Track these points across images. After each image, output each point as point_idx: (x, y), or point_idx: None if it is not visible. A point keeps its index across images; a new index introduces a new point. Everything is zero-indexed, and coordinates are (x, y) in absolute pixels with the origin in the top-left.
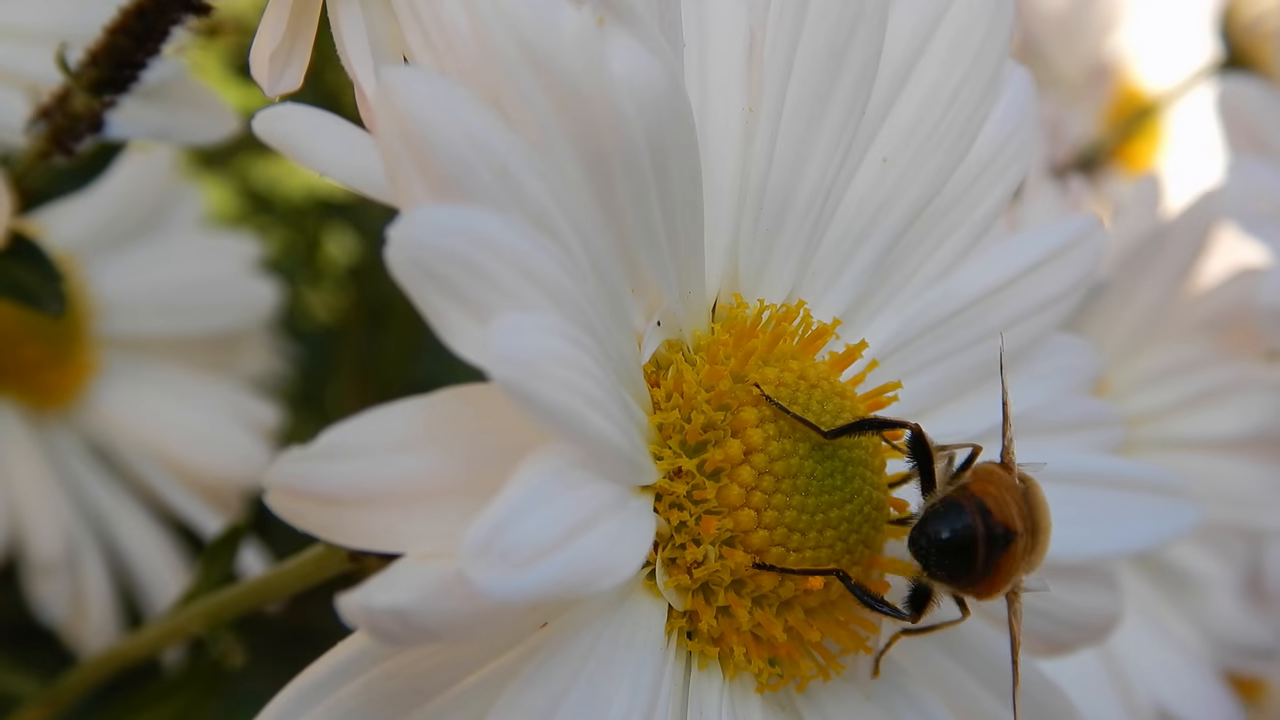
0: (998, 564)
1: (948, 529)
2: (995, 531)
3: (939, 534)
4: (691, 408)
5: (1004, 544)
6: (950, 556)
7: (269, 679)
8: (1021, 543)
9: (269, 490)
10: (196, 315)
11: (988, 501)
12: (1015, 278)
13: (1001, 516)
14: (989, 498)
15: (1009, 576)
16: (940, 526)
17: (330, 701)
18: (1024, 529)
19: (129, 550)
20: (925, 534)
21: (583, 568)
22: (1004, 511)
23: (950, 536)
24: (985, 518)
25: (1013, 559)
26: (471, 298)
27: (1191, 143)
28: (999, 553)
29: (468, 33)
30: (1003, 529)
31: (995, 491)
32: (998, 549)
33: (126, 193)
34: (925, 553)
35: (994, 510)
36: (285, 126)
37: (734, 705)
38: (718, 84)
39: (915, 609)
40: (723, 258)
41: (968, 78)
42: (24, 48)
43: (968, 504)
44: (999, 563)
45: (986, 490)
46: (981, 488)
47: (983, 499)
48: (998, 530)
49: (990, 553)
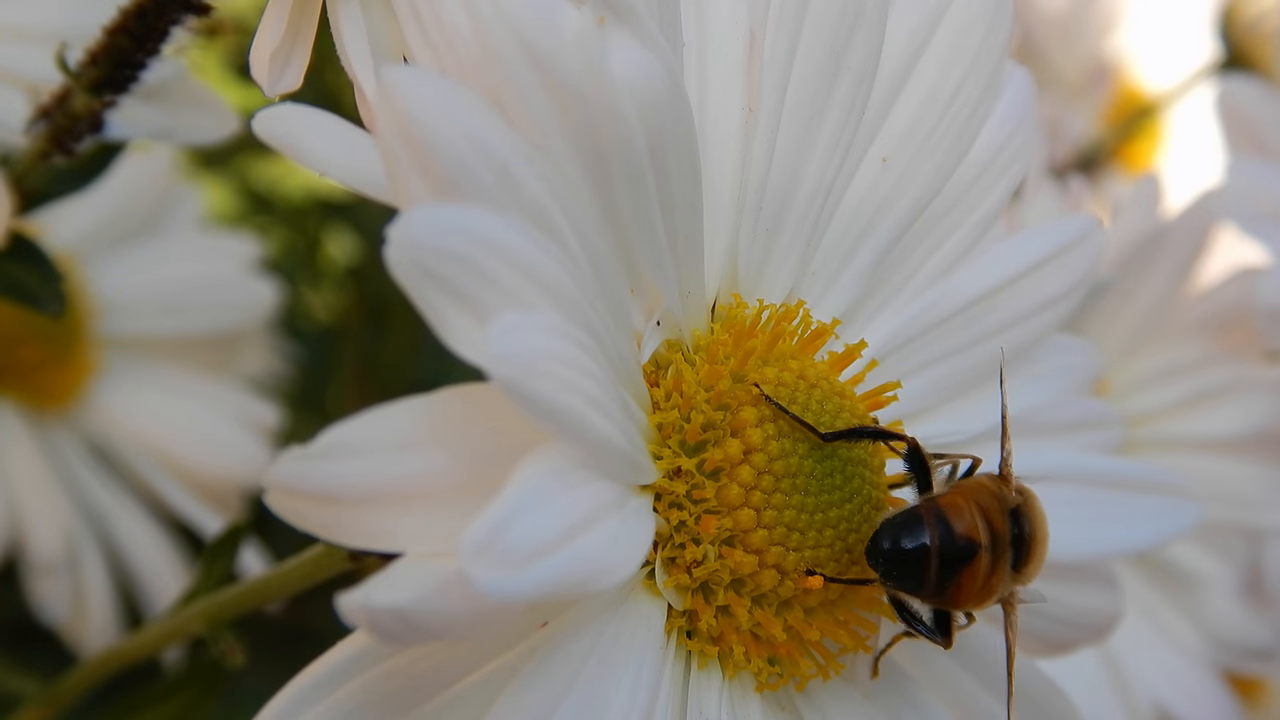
0: (958, 577)
1: (890, 539)
2: (955, 544)
3: (883, 544)
4: (691, 407)
5: (966, 557)
6: (899, 567)
7: (269, 679)
8: (988, 556)
9: (269, 489)
10: (196, 315)
11: (949, 513)
12: (1015, 278)
13: (964, 529)
14: (952, 509)
15: (986, 588)
16: (887, 536)
17: (329, 701)
18: (991, 542)
19: (129, 550)
20: (875, 543)
21: (582, 567)
22: (966, 523)
23: (895, 547)
24: (943, 529)
25: (977, 572)
26: (471, 297)
27: (1191, 143)
28: (959, 565)
29: (468, 33)
30: (965, 541)
31: (963, 503)
32: (958, 562)
33: (126, 193)
34: (876, 562)
35: (954, 521)
36: (285, 126)
37: (733, 704)
38: (717, 84)
39: (943, 633)
40: (722, 257)
41: (967, 78)
42: (24, 48)
43: (926, 516)
44: (960, 575)
45: (954, 502)
46: (950, 500)
47: (946, 510)
48: (959, 543)
49: (946, 565)
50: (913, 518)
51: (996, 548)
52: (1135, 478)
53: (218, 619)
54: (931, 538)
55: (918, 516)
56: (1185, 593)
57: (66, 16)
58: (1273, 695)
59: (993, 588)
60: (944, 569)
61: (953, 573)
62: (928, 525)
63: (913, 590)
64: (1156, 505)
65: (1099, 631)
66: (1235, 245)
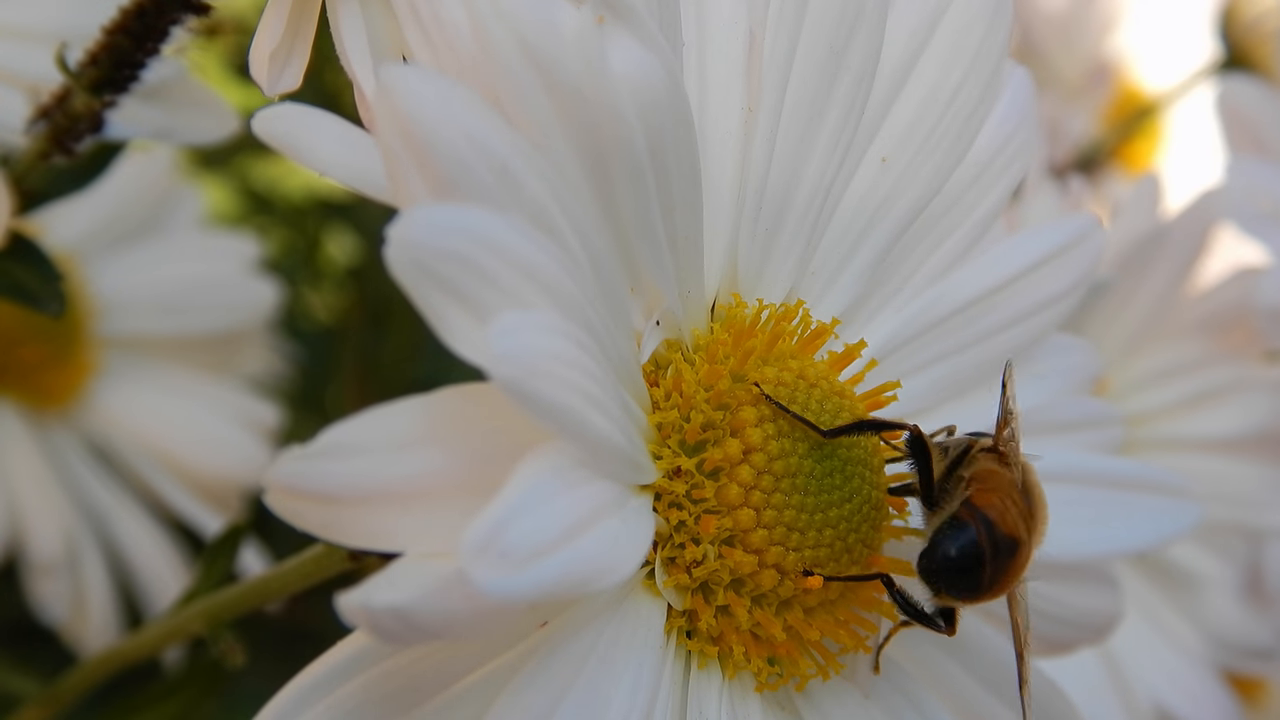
0: (1005, 572)
1: (944, 552)
2: (1001, 545)
3: (947, 557)
4: (690, 407)
5: (1010, 554)
6: (959, 577)
7: (269, 679)
8: (1027, 549)
9: (268, 489)
10: (196, 315)
11: (991, 514)
12: (1015, 278)
13: (1007, 528)
14: (993, 510)
15: (1016, 578)
16: (941, 549)
17: (329, 701)
18: (1027, 534)
19: (129, 550)
20: (934, 560)
21: (582, 567)
22: (1008, 522)
23: (958, 557)
24: (991, 532)
25: (1020, 565)
26: (471, 297)
27: (1191, 142)
28: (1005, 563)
29: (467, 32)
30: (1008, 541)
31: (998, 502)
32: (1004, 560)
33: (126, 193)
34: (935, 577)
35: (998, 522)
36: (284, 126)
37: (733, 704)
38: (717, 83)
39: (948, 624)
40: (722, 257)
41: (967, 78)
42: (24, 47)
43: (973, 522)
44: (1006, 571)
45: (990, 502)
46: (984, 499)
47: (986, 512)
48: (1004, 544)
49: (997, 566)
50: (960, 527)
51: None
52: (1135, 478)
53: (218, 619)
54: (982, 543)
55: (965, 524)
56: (1185, 593)
57: (66, 16)
58: (1273, 695)
59: (1019, 574)
60: (995, 570)
61: (1000, 572)
62: (977, 532)
63: (968, 596)
64: (1156, 505)
65: (1099, 632)
66: (1235, 245)
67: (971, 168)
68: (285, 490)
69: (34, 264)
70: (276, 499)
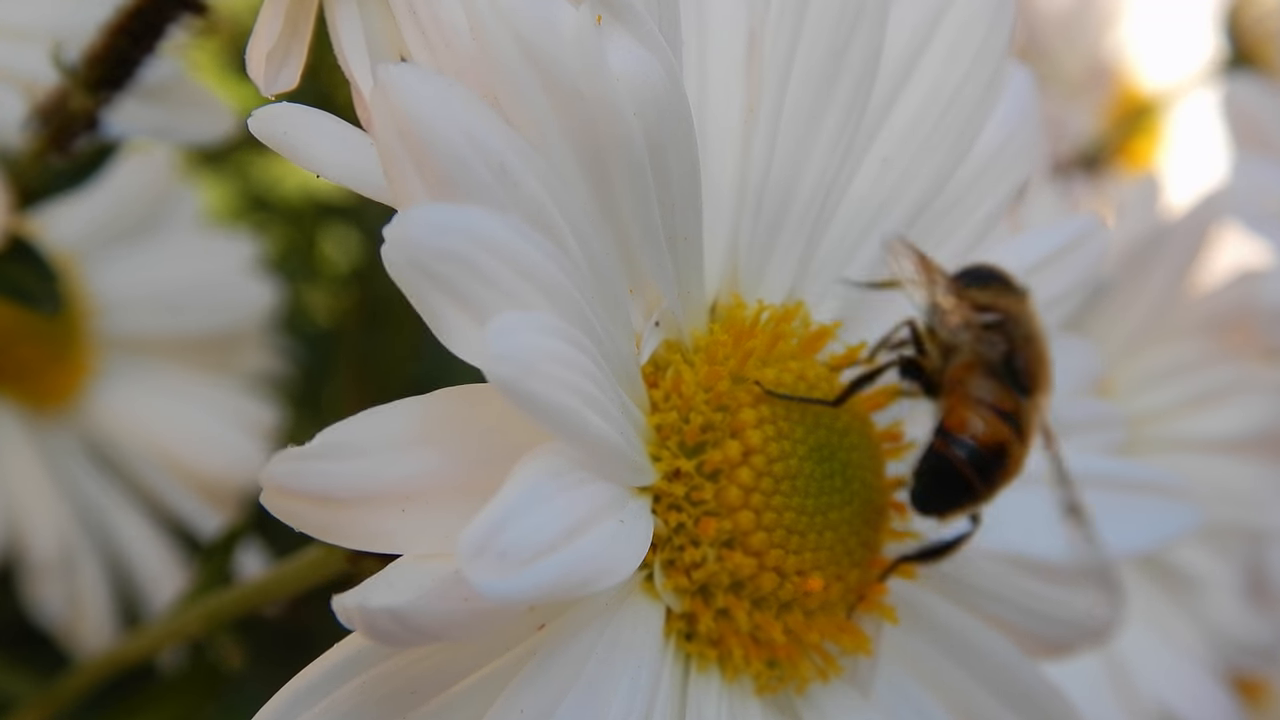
0: (1002, 471)
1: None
2: (987, 457)
3: (920, 495)
4: (690, 408)
5: (1000, 458)
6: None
7: (267, 681)
8: (1016, 439)
9: (264, 489)
10: (195, 315)
11: (961, 431)
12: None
13: (986, 436)
14: (961, 426)
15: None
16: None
17: (326, 703)
18: (1014, 433)
19: (127, 551)
20: (914, 497)
21: (580, 568)
22: (983, 430)
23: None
24: (967, 451)
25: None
26: (469, 297)
27: (1194, 141)
28: (997, 467)
29: (465, 31)
30: (994, 447)
31: (966, 411)
32: (995, 465)
33: (124, 192)
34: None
35: (971, 438)
36: (282, 126)
37: (733, 708)
38: (717, 83)
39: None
40: (722, 257)
41: (968, 77)
42: (21, 46)
43: (944, 449)
44: (1004, 469)
45: (959, 418)
46: (955, 418)
47: (955, 430)
48: (989, 453)
49: (985, 476)
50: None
51: (1019, 419)
52: (1136, 479)
53: (216, 620)
54: (964, 471)
55: (937, 454)
56: (1187, 593)
57: (64, 15)
58: (1274, 696)
59: (1028, 446)
60: (984, 478)
61: (994, 473)
62: (954, 461)
63: (970, 503)
64: (1158, 506)
65: (1100, 634)
66: (1238, 244)
67: (973, 168)
68: (280, 490)
69: (30, 263)
70: (272, 499)
